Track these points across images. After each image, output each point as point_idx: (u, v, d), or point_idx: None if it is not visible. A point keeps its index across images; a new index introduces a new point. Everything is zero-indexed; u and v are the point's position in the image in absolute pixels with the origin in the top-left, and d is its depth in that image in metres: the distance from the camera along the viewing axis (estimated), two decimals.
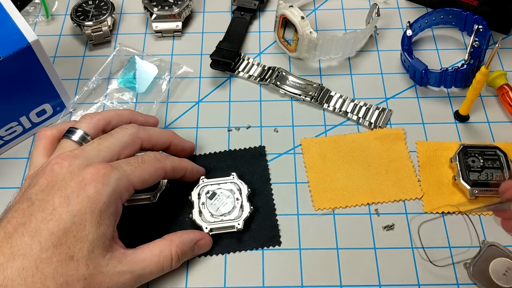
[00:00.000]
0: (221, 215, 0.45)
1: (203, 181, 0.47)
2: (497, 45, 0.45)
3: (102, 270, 0.36)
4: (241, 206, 0.46)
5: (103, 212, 0.37)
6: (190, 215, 0.45)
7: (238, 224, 0.45)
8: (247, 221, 0.45)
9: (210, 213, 0.45)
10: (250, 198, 0.46)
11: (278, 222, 0.47)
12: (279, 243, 0.46)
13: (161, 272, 0.41)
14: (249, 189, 0.46)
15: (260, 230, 0.46)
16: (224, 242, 0.46)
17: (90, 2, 0.61)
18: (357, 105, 0.54)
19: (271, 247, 0.46)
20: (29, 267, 0.34)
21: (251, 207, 0.45)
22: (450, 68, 0.53)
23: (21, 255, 0.34)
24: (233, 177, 0.47)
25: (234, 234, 0.46)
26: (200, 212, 0.45)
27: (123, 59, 0.58)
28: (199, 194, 0.46)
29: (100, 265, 0.36)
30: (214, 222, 0.45)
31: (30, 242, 0.35)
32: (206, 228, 0.45)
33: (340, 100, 0.55)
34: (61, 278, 0.34)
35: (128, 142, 0.42)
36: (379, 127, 0.53)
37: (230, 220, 0.45)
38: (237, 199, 0.46)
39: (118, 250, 0.38)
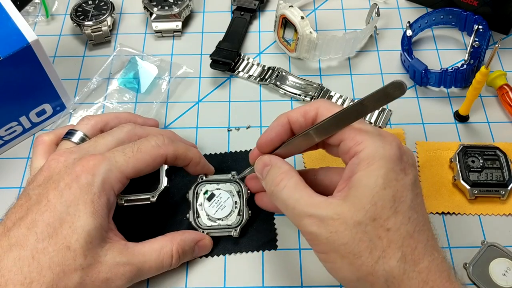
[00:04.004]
0: (218, 219, 0.45)
1: (202, 179, 0.47)
2: (497, 45, 0.45)
3: (101, 260, 0.37)
4: (240, 211, 0.45)
5: (95, 202, 0.37)
6: (187, 215, 0.45)
7: (235, 230, 0.44)
8: (245, 225, 0.45)
9: (208, 215, 0.45)
10: (249, 201, 0.46)
11: (275, 226, 0.47)
12: (275, 247, 0.45)
13: (160, 268, 0.41)
14: (249, 191, 0.45)
15: (257, 233, 0.46)
16: (221, 244, 0.45)
17: (90, 2, 0.61)
18: None
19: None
20: (25, 257, 0.34)
21: (249, 212, 0.45)
22: (450, 68, 0.53)
23: (18, 246, 0.35)
24: (234, 177, 0.47)
25: (231, 237, 0.45)
26: (197, 214, 0.45)
27: (123, 59, 0.58)
28: (197, 194, 0.46)
29: (98, 255, 0.37)
30: (211, 226, 0.45)
31: (26, 233, 0.35)
32: (203, 232, 0.44)
33: (340, 100, 0.55)
34: (57, 267, 0.35)
35: (124, 139, 0.42)
36: (379, 127, 0.53)
37: (227, 225, 0.45)
38: (236, 202, 0.45)
39: (118, 242, 0.38)
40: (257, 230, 0.46)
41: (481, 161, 0.48)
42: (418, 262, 0.32)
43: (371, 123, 0.53)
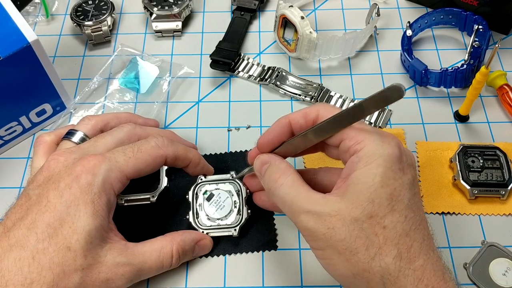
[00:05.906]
0: (217, 219, 0.45)
1: (201, 179, 0.47)
2: (497, 45, 0.45)
3: (101, 260, 0.37)
4: (239, 211, 0.45)
5: (95, 202, 0.37)
6: (187, 216, 0.45)
7: (235, 230, 0.44)
8: (244, 226, 0.45)
9: (207, 216, 0.45)
10: (248, 200, 0.46)
11: (275, 226, 0.47)
12: (275, 247, 0.45)
13: (160, 268, 0.41)
14: (248, 191, 0.46)
15: (257, 234, 0.46)
16: (221, 244, 0.45)
17: (90, 2, 0.61)
18: None
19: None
20: (25, 258, 0.34)
21: (249, 211, 0.45)
22: (450, 68, 0.53)
23: (18, 246, 0.35)
24: (232, 176, 0.47)
25: (231, 237, 0.45)
26: (197, 214, 0.45)
27: (124, 59, 0.58)
28: (196, 194, 0.46)
29: (99, 256, 0.37)
30: (210, 226, 0.44)
31: (27, 234, 0.35)
32: (202, 232, 0.44)
33: (340, 100, 0.55)
34: (57, 268, 0.35)
35: (124, 138, 0.42)
36: (379, 127, 0.53)
37: (226, 225, 0.45)
38: (235, 201, 0.45)
39: (118, 242, 0.38)
40: (257, 230, 0.46)
41: (481, 161, 0.48)
42: (413, 260, 0.32)
43: (371, 123, 0.53)
